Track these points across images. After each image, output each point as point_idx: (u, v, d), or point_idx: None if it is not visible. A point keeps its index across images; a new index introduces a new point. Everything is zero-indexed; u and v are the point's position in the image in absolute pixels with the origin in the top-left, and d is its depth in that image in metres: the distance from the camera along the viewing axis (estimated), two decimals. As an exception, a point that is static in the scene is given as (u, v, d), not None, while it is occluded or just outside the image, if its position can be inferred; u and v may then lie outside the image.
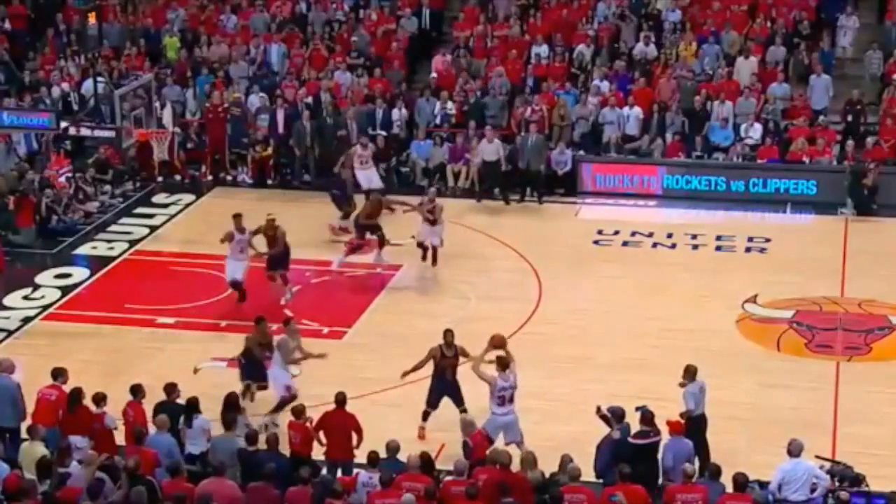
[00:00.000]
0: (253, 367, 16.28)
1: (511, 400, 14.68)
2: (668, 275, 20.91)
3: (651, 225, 23.25)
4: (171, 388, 14.32)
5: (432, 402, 15.72)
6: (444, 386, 15.65)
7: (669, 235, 22.78)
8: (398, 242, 22.26)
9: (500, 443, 14.50)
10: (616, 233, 22.74)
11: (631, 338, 18.46)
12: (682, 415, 14.11)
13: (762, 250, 22.12)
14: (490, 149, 24.47)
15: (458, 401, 15.57)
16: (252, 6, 29.57)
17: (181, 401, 14.19)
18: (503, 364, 14.79)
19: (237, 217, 19.62)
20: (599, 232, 22.68)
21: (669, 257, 21.90)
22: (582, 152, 25.22)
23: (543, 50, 27.40)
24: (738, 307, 19.46)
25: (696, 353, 16.58)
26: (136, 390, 14.32)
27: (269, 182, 25.64)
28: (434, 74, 27.42)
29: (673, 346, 17.79)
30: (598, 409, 13.87)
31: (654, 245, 22.50)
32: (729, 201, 24.35)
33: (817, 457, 13.68)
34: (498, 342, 15.26)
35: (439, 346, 15.81)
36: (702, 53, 26.97)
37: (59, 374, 14.67)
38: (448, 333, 15.88)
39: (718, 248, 22.25)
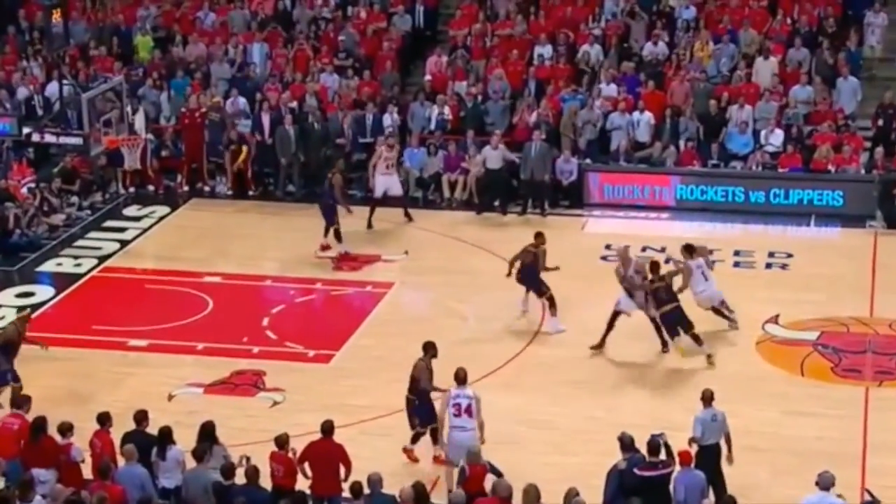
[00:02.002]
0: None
1: (468, 412, 14.84)
2: (681, 293, 20.89)
3: (663, 239, 23.21)
4: (141, 416, 14.33)
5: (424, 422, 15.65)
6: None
7: (684, 250, 22.84)
8: (391, 258, 22.35)
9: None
10: (626, 247, 22.72)
11: (643, 361, 18.49)
12: (689, 441, 14.14)
13: (784, 266, 22.17)
14: (495, 155, 24.53)
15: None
16: (231, 2, 29.64)
17: (153, 430, 14.19)
18: (459, 378, 15.10)
19: None
20: (608, 247, 22.70)
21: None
22: (588, 161, 25.29)
23: (547, 50, 27.51)
24: (758, 328, 19.50)
25: (712, 377, 16.64)
26: (104, 419, 14.33)
27: (251, 193, 25.65)
28: (428, 77, 27.51)
29: (689, 371, 17.83)
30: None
31: (667, 261, 22.39)
32: (748, 214, 24.41)
33: (866, 490, 13.69)
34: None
35: (423, 360, 15.82)
36: (718, 53, 27.07)
37: (21, 402, 14.66)
38: (431, 347, 15.92)
39: (736, 265, 22.28)
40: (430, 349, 15.98)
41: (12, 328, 17.57)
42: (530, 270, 19.46)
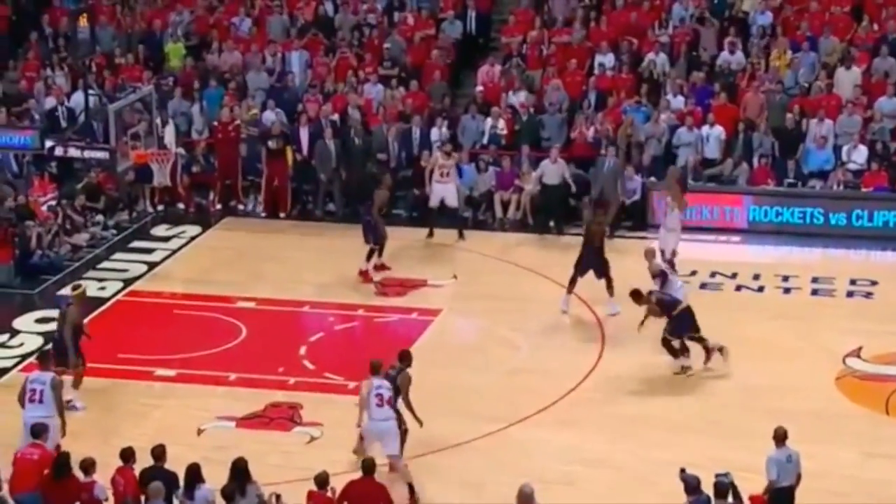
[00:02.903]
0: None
1: (389, 402, 15.75)
2: (754, 323, 20.87)
3: (735, 264, 23.22)
4: (159, 452, 14.42)
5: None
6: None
7: (756, 277, 22.77)
8: (438, 283, 22.44)
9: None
10: (693, 273, 22.72)
11: (708, 396, 18.46)
12: (766, 488, 14.09)
13: (867, 295, 22.06)
14: (553, 170, 24.62)
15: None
16: (269, 7, 29.89)
17: (179, 466, 14.29)
18: (375, 368, 16.04)
19: None
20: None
21: (756, 302, 21.88)
22: (653, 179, 25.30)
23: (609, 59, 27.58)
24: (838, 362, 19.39)
25: (786, 415, 16.52)
26: (128, 455, 14.45)
27: (282, 215, 25.84)
28: (480, 87, 27.65)
29: (759, 407, 17.75)
30: (682, 471, 13.86)
31: (738, 288, 22.49)
32: (827, 237, 24.33)
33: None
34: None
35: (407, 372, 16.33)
36: (796, 63, 27.02)
37: (40, 430, 14.87)
38: (407, 357, 16.44)
39: (815, 293, 22.21)
40: (405, 358, 16.45)
41: (74, 310, 18.24)
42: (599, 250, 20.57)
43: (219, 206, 26.28)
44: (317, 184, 25.91)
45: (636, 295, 19.15)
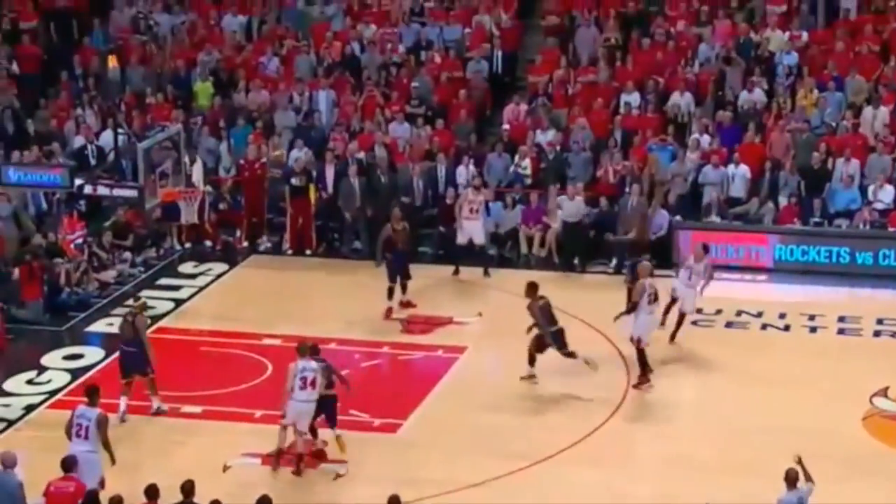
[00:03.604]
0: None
1: (314, 384, 17.11)
2: (779, 363, 20.81)
3: (760, 303, 23.17)
4: (188, 487, 14.44)
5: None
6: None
7: (782, 316, 22.71)
8: (464, 320, 22.43)
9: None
10: (718, 312, 22.70)
11: (733, 436, 18.37)
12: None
13: (894, 334, 21.97)
14: (571, 207, 24.65)
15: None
16: (296, 47, 30.07)
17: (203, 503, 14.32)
18: (303, 352, 17.32)
19: None
20: (699, 310, 22.55)
21: (782, 342, 21.82)
22: (679, 217, 25.28)
23: (634, 98, 27.62)
24: (865, 402, 19.32)
25: (812, 456, 16.37)
26: (153, 492, 14.47)
27: (308, 253, 25.88)
28: (506, 126, 27.72)
29: (785, 448, 17.54)
30: None
31: (764, 327, 22.42)
32: (854, 276, 24.25)
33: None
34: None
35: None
36: (822, 102, 26.99)
37: (71, 464, 14.91)
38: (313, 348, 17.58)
39: (841, 332, 22.14)
40: (315, 352, 17.66)
41: (142, 319, 19.22)
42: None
43: (245, 244, 26.37)
44: (342, 221, 26.00)
45: (532, 287, 19.89)
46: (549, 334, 19.74)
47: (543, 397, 19.67)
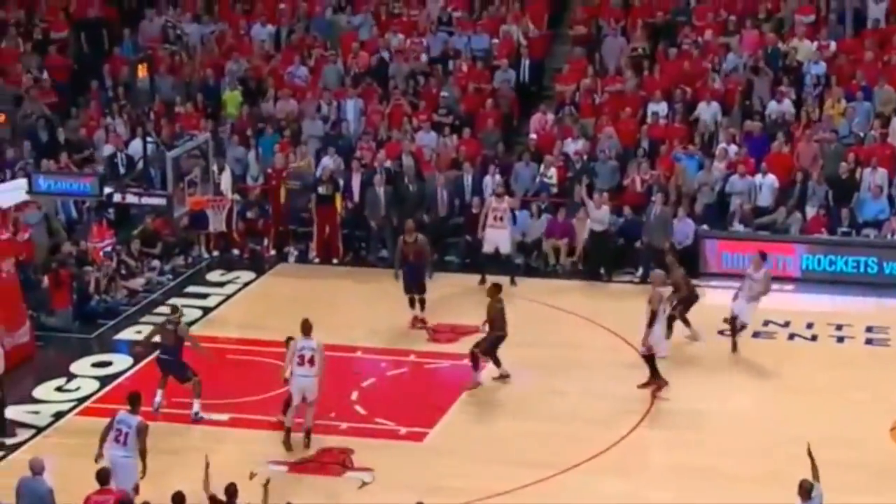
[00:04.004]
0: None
1: (311, 362, 18.15)
2: (807, 372, 20.76)
3: (788, 313, 23.09)
4: (232, 491, 14.49)
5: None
6: None
7: (810, 326, 22.66)
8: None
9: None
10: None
11: (759, 446, 18.32)
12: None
13: (923, 345, 21.91)
14: (598, 215, 24.64)
15: None
16: (325, 56, 30.15)
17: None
18: (305, 328, 18.38)
19: None
20: (726, 320, 22.58)
21: (810, 352, 21.76)
22: (705, 227, 25.24)
23: (662, 108, 27.59)
24: (893, 412, 19.23)
25: (840, 466, 16.41)
26: (179, 499, 14.53)
27: (335, 261, 25.95)
28: (533, 135, 27.73)
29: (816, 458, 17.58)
30: None
31: (791, 337, 22.35)
32: (882, 287, 24.17)
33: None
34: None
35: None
36: (850, 112, 26.91)
37: (106, 477, 14.96)
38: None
39: (869, 342, 22.06)
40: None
41: (185, 328, 19.69)
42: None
43: (272, 252, 26.45)
44: (369, 230, 26.06)
45: (496, 289, 20.54)
46: (494, 337, 20.03)
47: (569, 406, 19.66)
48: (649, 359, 19.84)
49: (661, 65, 28.70)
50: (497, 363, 20.35)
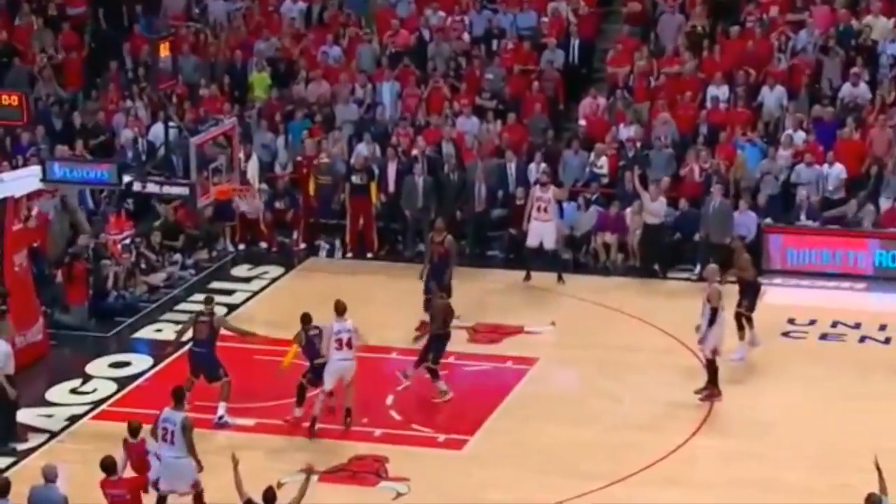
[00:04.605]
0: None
1: (349, 345, 18.88)
2: (880, 377, 20.68)
3: (859, 313, 23.01)
4: (271, 497, 14.54)
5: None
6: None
7: (883, 328, 22.55)
8: (535, 330, 22.46)
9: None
10: (812, 323, 22.63)
11: (830, 457, 18.30)
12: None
13: None
14: (654, 207, 24.60)
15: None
16: (359, 36, 30.19)
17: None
18: (339, 309, 19.12)
19: None
20: (791, 321, 22.56)
21: (882, 355, 21.68)
22: (769, 220, 25.16)
23: (722, 91, 27.52)
24: (973, 419, 19.17)
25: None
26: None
27: (369, 255, 26.03)
28: (582, 122, 27.69)
29: (886, 470, 17.50)
30: None
31: (863, 339, 22.26)
32: (961, 285, 24.07)
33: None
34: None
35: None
36: (929, 95, 26.79)
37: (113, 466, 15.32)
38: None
39: (947, 346, 21.98)
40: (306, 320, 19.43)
41: (221, 318, 20.23)
42: None
43: (303, 246, 26.55)
44: (405, 222, 26.12)
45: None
46: (433, 335, 20.29)
47: (620, 413, 19.69)
48: (711, 363, 19.79)
49: (722, 44, 28.59)
50: (421, 363, 20.39)
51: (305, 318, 19.49)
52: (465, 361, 21.43)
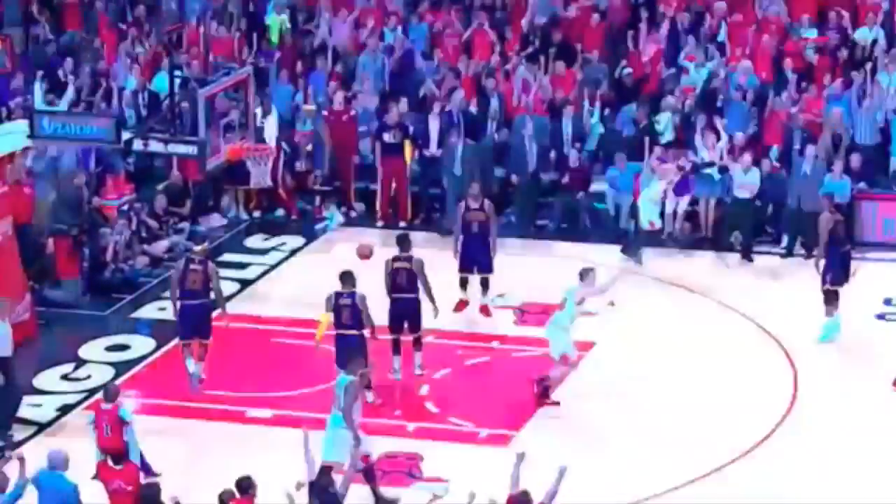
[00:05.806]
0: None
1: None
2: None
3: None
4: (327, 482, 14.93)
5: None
6: None
7: None
8: (591, 310, 22.49)
9: None
10: (888, 301, 22.68)
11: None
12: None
13: None
14: (746, 180, 24.50)
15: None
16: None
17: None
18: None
19: None
20: (887, 302, 22.56)
21: None
22: (863, 184, 25.13)
23: (811, 34, 27.48)
24: None
25: None
26: (246, 486, 14.97)
27: (402, 224, 25.99)
28: (629, 70, 27.55)
29: None
30: None
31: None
32: None
33: None
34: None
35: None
36: None
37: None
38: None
39: None
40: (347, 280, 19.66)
41: (214, 267, 20.33)
42: None
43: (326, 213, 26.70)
44: (443, 187, 26.21)
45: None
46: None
47: (688, 406, 19.74)
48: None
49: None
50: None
51: (345, 278, 19.80)
52: (512, 346, 21.54)
